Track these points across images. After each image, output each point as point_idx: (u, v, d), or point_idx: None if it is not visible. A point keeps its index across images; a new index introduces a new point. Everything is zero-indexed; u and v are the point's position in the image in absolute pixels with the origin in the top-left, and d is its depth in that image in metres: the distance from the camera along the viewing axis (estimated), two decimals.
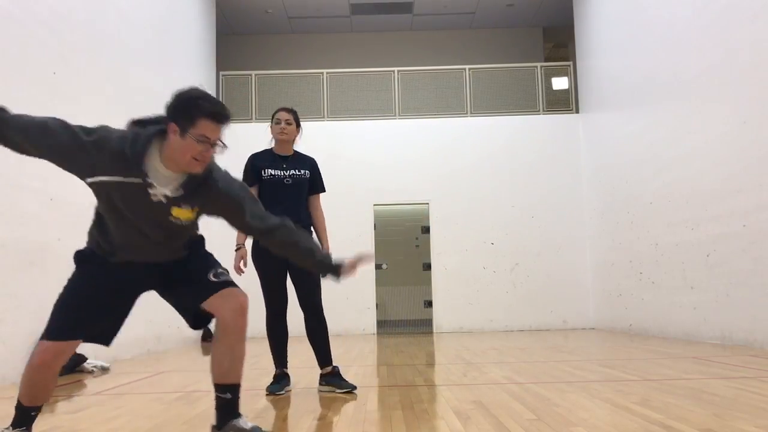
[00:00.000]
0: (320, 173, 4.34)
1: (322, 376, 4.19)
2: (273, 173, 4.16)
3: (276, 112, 4.30)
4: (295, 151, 4.33)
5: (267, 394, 4.00)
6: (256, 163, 4.22)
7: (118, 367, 6.20)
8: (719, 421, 2.87)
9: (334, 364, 4.19)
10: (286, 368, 4.18)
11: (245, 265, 4.14)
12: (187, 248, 2.63)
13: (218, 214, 2.55)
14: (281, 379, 4.12)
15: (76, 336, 2.43)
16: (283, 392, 4.05)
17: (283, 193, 4.14)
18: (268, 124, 4.37)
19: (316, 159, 4.39)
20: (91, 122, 2.53)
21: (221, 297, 2.54)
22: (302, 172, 4.22)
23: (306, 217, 4.21)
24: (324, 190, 4.36)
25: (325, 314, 4.23)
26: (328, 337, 4.22)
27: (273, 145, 4.30)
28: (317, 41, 13.44)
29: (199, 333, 9.95)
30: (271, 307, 4.15)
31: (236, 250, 4.15)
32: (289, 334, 4.24)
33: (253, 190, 4.18)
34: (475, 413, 3.23)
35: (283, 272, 4.16)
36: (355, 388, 4.08)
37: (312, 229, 4.25)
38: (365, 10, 12.62)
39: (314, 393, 4.11)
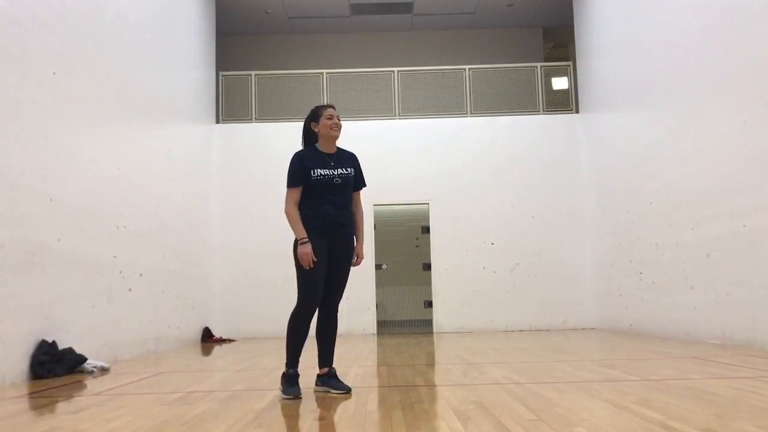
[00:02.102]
0: (361, 169, 4.30)
1: (318, 376, 4.18)
2: (323, 173, 4.06)
3: (324, 109, 4.20)
4: (338, 148, 4.26)
5: (292, 398, 3.86)
6: (306, 163, 4.08)
7: (118, 367, 6.20)
8: (719, 421, 2.87)
9: (333, 365, 4.19)
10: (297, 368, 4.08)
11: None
12: None
13: None
14: (297, 380, 3.99)
15: None
16: (301, 396, 3.94)
17: (333, 192, 4.07)
18: (269, 123, 4.35)
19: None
20: (90, 122, 2.53)
21: None
22: (349, 170, 4.16)
23: (351, 215, 4.21)
24: (365, 185, 4.33)
25: None
26: (336, 337, 4.21)
27: (320, 140, 4.19)
28: (317, 41, 13.44)
29: (199, 333, 9.95)
30: (306, 299, 3.97)
31: (302, 244, 3.94)
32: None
33: (298, 191, 4.05)
34: (475, 413, 3.23)
35: (325, 267, 4.05)
36: (350, 390, 4.07)
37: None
38: (365, 10, 12.62)
39: (313, 393, 4.11)
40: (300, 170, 4.07)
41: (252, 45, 13.29)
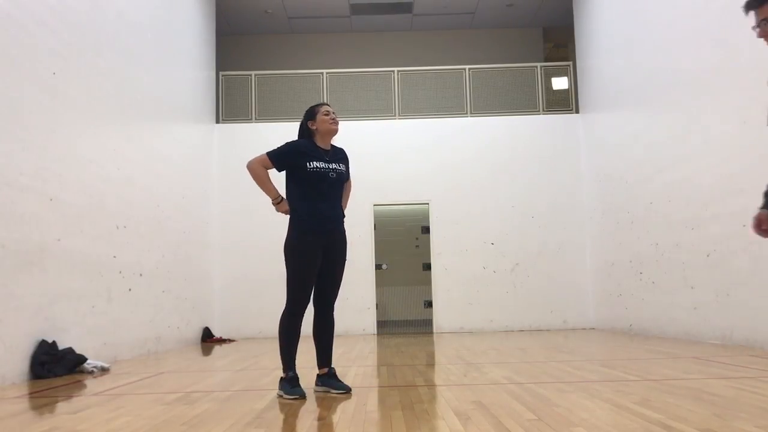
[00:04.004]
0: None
1: (318, 376, 4.19)
2: (318, 166, 4.09)
3: (320, 106, 4.24)
4: (332, 145, 4.29)
5: (297, 398, 3.86)
6: (303, 152, 4.11)
7: (118, 367, 6.20)
8: (719, 421, 2.87)
9: (332, 365, 4.19)
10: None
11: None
12: None
13: None
14: (298, 381, 4.00)
15: None
16: (306, 395, 3.95)
17: (326, 186, 4.11)
18: (269, 123, 4.36)
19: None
20: (90, 122, 2.53)
21: None
22: (342, 167, 4.21)
23: (341, 209, 4.25)
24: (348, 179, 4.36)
25: None
26: (333, 336, 4.22)
27: (317, 136, 4.20)
28: (317, 41, 13.44)
29: (199, 333, 9.95)
30: (299, 301, 4.02)
31: (278, 203, 4.07)
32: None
33: (270, 164, 4.10)
34: (475, 413, 3.24)
35: (317, 268, 4.08)
36: (349, 390, 4.08)
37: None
38: (365, 10, 12.61)
39: (313, 393, 4.11)
40: (289, 156, 4.11)
41: (252, 45, 13.29)
